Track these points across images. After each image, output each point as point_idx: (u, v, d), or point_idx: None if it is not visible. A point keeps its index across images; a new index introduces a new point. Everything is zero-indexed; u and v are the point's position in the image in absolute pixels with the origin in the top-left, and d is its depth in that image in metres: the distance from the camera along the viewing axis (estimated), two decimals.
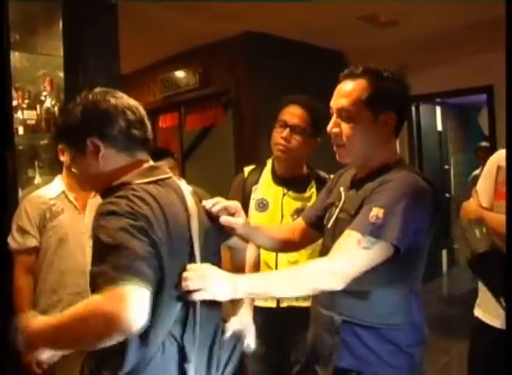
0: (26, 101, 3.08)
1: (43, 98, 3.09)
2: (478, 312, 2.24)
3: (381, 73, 1.71)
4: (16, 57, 3.02)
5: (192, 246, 1.51)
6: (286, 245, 2.05)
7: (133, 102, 1.58)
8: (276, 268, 2.43)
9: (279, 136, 2.47)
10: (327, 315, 1.76)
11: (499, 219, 2.06)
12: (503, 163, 2.14)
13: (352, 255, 1.54)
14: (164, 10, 4.65)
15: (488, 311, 2.14)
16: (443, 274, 7.09)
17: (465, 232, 2.21)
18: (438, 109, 7.49)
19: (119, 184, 1.49)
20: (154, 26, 5.03)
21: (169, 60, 6.38)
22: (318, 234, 1.98)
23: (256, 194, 2.52)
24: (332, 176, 2.26)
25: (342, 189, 1.84)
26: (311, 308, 1.90)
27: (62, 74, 3.09)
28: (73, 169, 1.67)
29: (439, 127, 7.50)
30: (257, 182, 2.58)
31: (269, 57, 5.62)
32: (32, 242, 2.46)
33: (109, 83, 3.17)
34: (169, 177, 1.59)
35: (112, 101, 1.53)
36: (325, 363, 1.78)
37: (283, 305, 2.40)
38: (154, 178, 1.52)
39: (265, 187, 2.53)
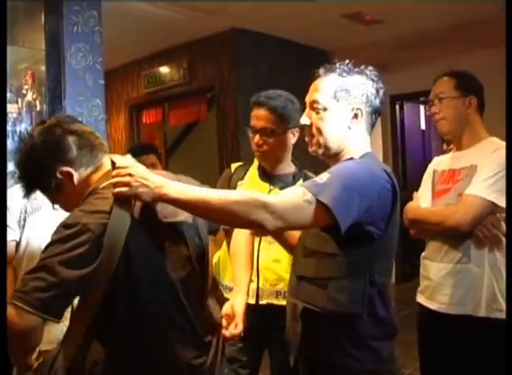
0: (8, 94, 3.05)
1: (24, 92, 3.07)
2: (419, 298, 2.40)
3: (352, 69, 1.78)
4: None
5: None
6: None
7: (76, 124, 1.66)
8: (258, 264, 2.43)
9: (253, 142, 2.45)
10: (292, 302, 1.81)
11: (422, 209, 2.34)
12: (437, 167, 2.44)
13: (293, 202, 1.54)
14: (148, 6, 4.63)
15: (428, 297, 2.32)
16: None
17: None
18: (421, 108, 7.51)
19: (88, 193, 1.59)
20: (139, 22, 5.00)
21: (154, 56, 6.37)
22: None
23: (241, 190, 2.51)
24: None
25: None
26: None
27: (43, 68, 3.07)
28: (59, 206, 1.72)
29: (423, 126, 7.53)
30: (242, 178, 2.55)
31: (254, 54, 5.64)
32: (11, 236, 2.45)
33: (92, 77, 3.16)
34: None
35: (58, 130, 1.60)
36: (293, 351, 1.83)
37: (262, 302, 2.38)
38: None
39: (251, 183, 2.50)
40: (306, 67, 1.85)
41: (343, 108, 1.74)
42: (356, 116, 1.75)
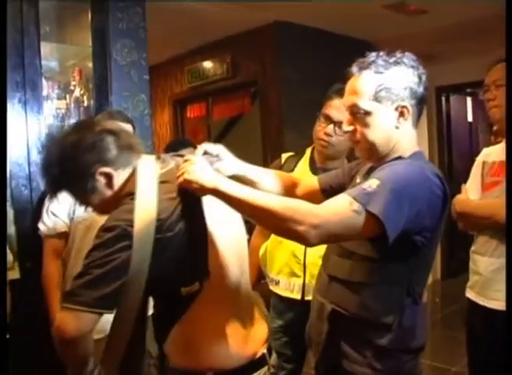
0: (56, 91, 3.12)
1: (72, 88, 3.13)
2: (469, 294, 2.36)
3: (388, 60, 1.62)
4: (46, 48, 3.07)
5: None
6: (287, 194, 1.96)
7: (113, 123, 1.67)
8: (305, 259, 2.43)
9: (322, 131, 2.42)
10: (320, 301, 1.75)
11: (472, 201, 2.29)
12: (487, 159, 2.37)
13: (340, 213, 1.43)
14: (192, 1, 4.67)
15: (479, 292, 2.28)
16: None
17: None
18: (468, 100, 7.37)
19: (124, 197, 1.54)
20: (183, 16, 5.04)
21: (197, 50, 6.40)
22: (323, 199, 1.94)
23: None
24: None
25: (358, 179, 1.80)
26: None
27: (90, 64, 3.13)
28: (91, 210, 1.67)
29: (470, 118, 7.39)
30: (292, 170, 2.55)
31: (297, 47, 5.61)
32: (62, 227, 2.50)
33: (137, 73, 3.21)
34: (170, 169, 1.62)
35: (95, 128, 1.55)
36: (315, 350, 1.79)
37: (308, 298, 2.38)
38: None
39: (301, 176, 2.48)
40: (350, 59, 1.76)
41: (387, 108, 1.61)
42: (402, 113, 1.62)
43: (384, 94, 1.60)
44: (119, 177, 1.55)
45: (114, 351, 1.52)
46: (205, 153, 1.69)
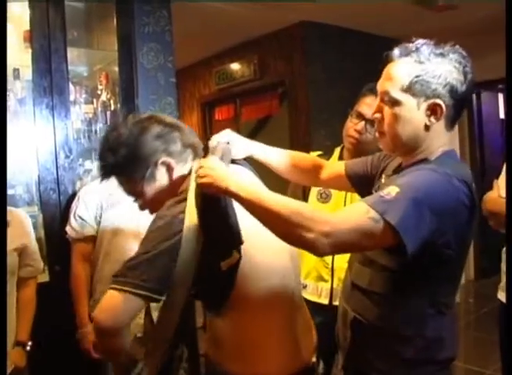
0: (84, 95, 3.15)
1: (99, 92, 3.15)
2: (500, 296, 2.29)
3: (433, 51, 1.50)
4: (73, 53, 3.10)
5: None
6: (308, 177, 1.93)
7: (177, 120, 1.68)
8: (332, 263, 2.40)
9: (352, 128, 2.37)
10: (344, 307, 1.72)
11: (503, 200, 2.12)
12: None
13: (354, 221, 1.33)
14: (218, 1, 4.67)
15: None
16: None
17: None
18: (500, 96, 7.22)
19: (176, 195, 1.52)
20: (209, 19, 5.05)
21: (225, 52, 6.43)
22: (348, 186, 1.90)
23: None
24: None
25: (383, 179, 1.71)
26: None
27: (117, 69, 3.15)
28: (140, 201, 1.65)
29: (502, 115, 7.24)
30: None
31: (325, 46, 5.59)
32: (89, 231, 2.52)
33: (164, 76, 3.22)
34: None
35: (168, 119, 1.62)
36: (341, 354, 1.77)
37: (336, 303, 2.35)
38: None
39: None
40: (378, 58, 1.69)
41: (419, 103, 1.48)
42: (434, 111, 1.48)
43: (419, 87, 1.47)
44: (178, 171, 1.58)
45: (160, 339, 1.49)
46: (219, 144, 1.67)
